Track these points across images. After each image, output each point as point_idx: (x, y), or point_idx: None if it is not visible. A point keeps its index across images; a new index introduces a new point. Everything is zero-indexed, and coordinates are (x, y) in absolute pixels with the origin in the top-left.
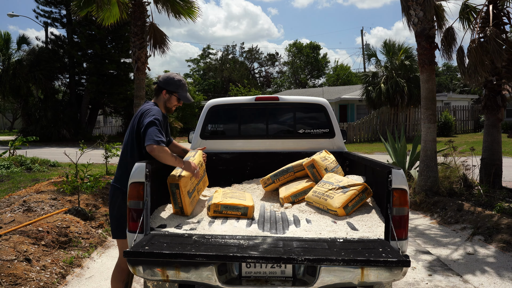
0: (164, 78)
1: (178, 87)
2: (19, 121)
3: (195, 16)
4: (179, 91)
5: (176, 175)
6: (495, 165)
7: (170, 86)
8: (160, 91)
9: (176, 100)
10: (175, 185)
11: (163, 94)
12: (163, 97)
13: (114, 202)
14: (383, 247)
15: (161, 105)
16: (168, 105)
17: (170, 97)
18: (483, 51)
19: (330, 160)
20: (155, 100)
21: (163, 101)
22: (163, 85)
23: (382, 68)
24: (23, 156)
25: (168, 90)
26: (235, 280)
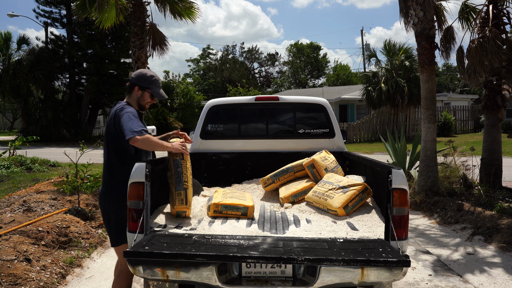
0: (136, 75)
1: (150, 83)
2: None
3: (194, 16)
4: (151, 87)
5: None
6: (495, 165)
7: (142, 82)
8: (132, 88)
9: (149, 96)
10: (180, 155)
11: (135, 91)
12: (135, 94)
13: (109, 210)
14: (383, 247)
15: (134, 103)
16: (141, 102)
17: (143, 94)
18: (483, 51)
19: (330, 160)
20: (127, 99)
21: (136, 98)
22: (135, 81)
23: (382, 68)
24: (23, 156)
25: (141, 86)
26: (235, 280)
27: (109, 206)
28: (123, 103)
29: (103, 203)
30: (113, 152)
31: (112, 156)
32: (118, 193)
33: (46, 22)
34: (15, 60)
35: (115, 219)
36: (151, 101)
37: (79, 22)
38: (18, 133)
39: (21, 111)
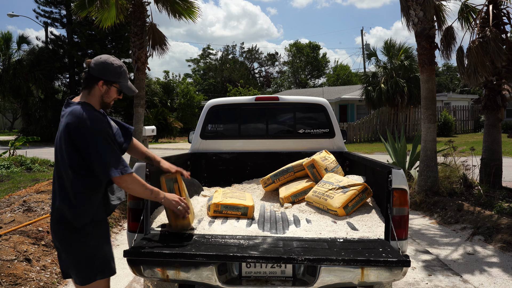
0: (99, 65)
1: (119, 75)
2: (19, 121)
3: (195, 16)
4: (121, 80)
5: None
6: (495, 165)
7: (108, 75)
8: (94, 83)
9: (116, 92)
10: (174, 179)
11: (99, 86)
12: (99, 89)
13: (70, 242)
14: (383, 247)
15: (94, 100)
16: (106, 100)
17: (108, 90)
18: (483, 51)
19: (330, 160)
20: (85, 97)
21: (99, 95)
22: (98, 73)
23: (382, 68)
24: (23, 156)
25: (106, 80)
26: (235, 280)
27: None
28: (79, 107)
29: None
30: (72, 171)
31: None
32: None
33: (46, 22)
34: (15, 60)
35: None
36: (118, 97)
37: (79, 22)
38: (18, 133)
39: (21, 111)
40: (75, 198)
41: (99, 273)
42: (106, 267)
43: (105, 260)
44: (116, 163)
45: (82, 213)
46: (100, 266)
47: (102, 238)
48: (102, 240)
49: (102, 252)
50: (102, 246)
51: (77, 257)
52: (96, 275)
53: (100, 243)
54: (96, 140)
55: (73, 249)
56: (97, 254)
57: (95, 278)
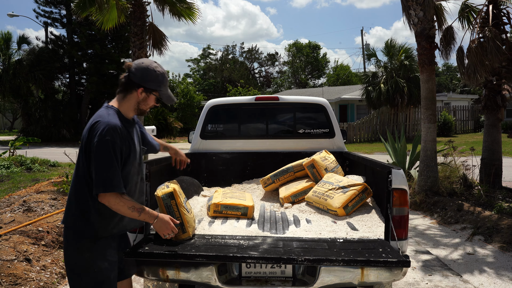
0: (141, 70)
1: (160, 83)
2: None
3: (195, 17)
4: (161, 89)
5: (165, 186)
6: (495, 165)
7: (150, 83)
8: (133, 88)
9: (154, 100)
10: (169, 194)
11: (138, 92)
12: (137, 96)
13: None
14: (383, 247)
15: (129, 106)
16: (142, 107)
17: (147, 97)
18: (483, 51)
19: (330, 160)
20: (119, 101)
21: (136, 101)
22: (139, 80)
23: (382, 68)
24: (23, 156)
25: (147, 88)
26: (235, 280)
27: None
28: (104, 109)
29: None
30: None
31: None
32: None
33: (46, 22)
34: (15, 60)
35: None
36: (155, 105)
37: (79, 22)
38: (18, 133)
39: (21, 111)
40: (78, 204)
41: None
42: (97, 285)
43: (97, 279)
44: (105, 179)
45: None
46: (90, 284)
47: (98, 253)
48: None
49: (96, 268)
50: (95, 262)
51: (68, 265)
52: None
53: (93, 260)
54: (98, 150)
55: (66, 256)
56: (89, 269)
57: None
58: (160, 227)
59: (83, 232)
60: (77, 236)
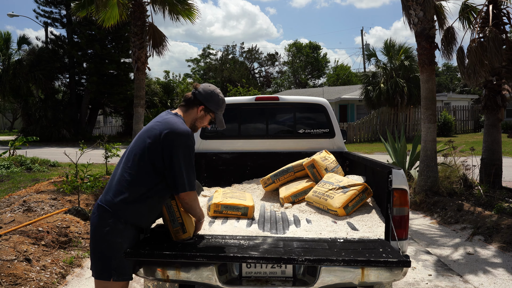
0: (206, 92)
1: (219, 107)
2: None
3: (194, 17)
4: (218, 112)
5: None
6: (495, 165)
7: (211, 103)
8: (195, 105)
9: (208, 121)
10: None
11: (198, 110)
12: (196, 113)
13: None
14: (384, 247)
15: (188, 121)
16: (197, 124)
17: (205, 116)
18: (483, 51)
19: (330, 160)
20: (183, 113)
21: (194, 117)
22: (203, 99)
23: (382, 68)
24: (23, 156)
25: (207, 107)
26: (236, 280)
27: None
28: (177, 117)
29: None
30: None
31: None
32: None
33: (46, 22)
34: (15, 60)
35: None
36: (206, 125)
37: (79, 22)
38: (18, 133)
39: (21, 111)
40: (130, 194)
41: (115, 273)
42: (123, 270)
43: (123, 264)
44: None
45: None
46: (116, 267)
47: (129, 240)
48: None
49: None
50: (123, 245)
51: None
52: (111, 275)
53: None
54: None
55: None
56: (118, 253)
57: (111, 277)
58: (199, 228)
59: (126, 217)
60: (117, 220)
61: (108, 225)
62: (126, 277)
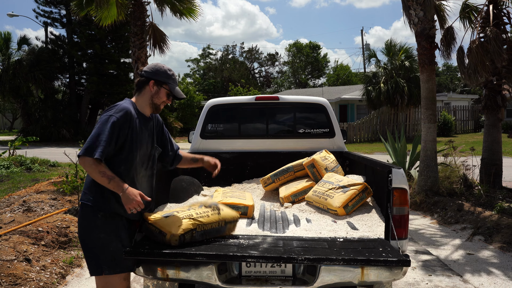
0: (151, 68)
1: (168, 77)
2: (19, 121)
3: (196, 15)
4: (169, 82)
5: None
6: (495, 165)
7: (159, 76)
8: (146, 83)
9: (165, 94)
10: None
11: (150, 86)
12: (149, 90)
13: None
14: (383, 246)
15: (145, 102)
16: (155, 101)
17: (159, 90)
18: (483, 51)
19: (330, 159)
20: (136, 98)
21: (150, 95)
22: (150, 75)
23: (382, 68)
24: (23, 156)
25: (157, 80)
26: (235, 279)
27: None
28: (121, 102)
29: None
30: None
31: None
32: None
33: (46, 22)
34: (15, 60)
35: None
36: (167, 101)
37: (79, 22)
38: (18, 133)
39: (21, 111)
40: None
41: (106, 268)
42: (113, 263)
43: (113, 258)
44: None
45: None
46: (107, 263)
47: (112, 233)
48: (111, 237)
49: (112, 247)
50: (111, 243)
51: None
52: (103, 270)
53: (108, 239)
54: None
55: (80, 238)
56: (105, 248)
57: (102, 272)
58: (127, 200)
59: (100, 208)
60: (94, 213)
61: (88, 222)
62: (119, 269)
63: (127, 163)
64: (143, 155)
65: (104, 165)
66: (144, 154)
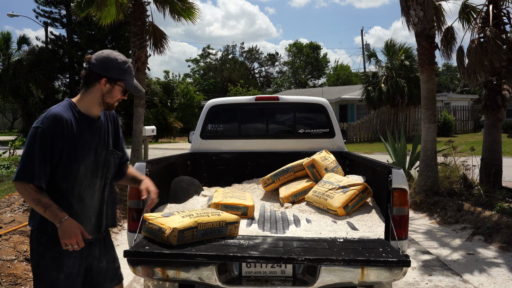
0: (101, 61)
1: (124, 72)
2: (19, 121)
3: (195, 17)
4: (126, 78)
5: None
6: (495, 165)
7: (112, 71)
8: (95, 80)
9: (121, 91)
10: None
11: (101, 84)
12: (100, 88)
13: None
14: (383, 247)
15: (92, 100)
16: (108, 100)
17: (112, 88)
18: (483, 51)
19: (330, 160)
20: (81, 94)
21: (100, 94)
22: (100, 70)
23: (382, 68)
24: None
25: (110, 78)
26: (235, 280)
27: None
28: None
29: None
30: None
31: None
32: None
33: (46, 22)
34: (15, 60)
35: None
36: (122, 97)
37: (79, 22)
38: (18, 133)
39: (21, 111)
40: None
41: None
42: None
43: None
44: (22, 168)
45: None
46: None
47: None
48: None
49: (49, 279)
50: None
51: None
52: None
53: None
54: (28, 137)
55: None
56: (42, 279)
57: None
58: (63, 234)
59: (43, 231)
60: (38, 237)
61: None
62: None
63: (69, 179)
64: (92, 164)
65: (40, 191)
66: (94, 162)
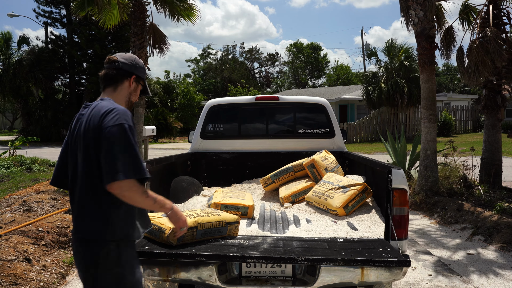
0: (130, 59)
1: (145, 72)
2: (19, 121)
3: (194, 18)
4: (145, 78)
5: None
6: (495, 165)
7: (139, 70)
8: (125, 78)
9: (139, 91)
10: None
11: (130, 81)
12: (129, 85)
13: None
14: (383, 247)
15: (121, 98)
16: (132, 99)
17: (137, 87)
18: (483, 51)
19: (330, 160)
20: (109, 92)
21: (128, 92)
22: (132, 68)
23: (382, 68)
24: (23, 156)
25: (138, 76)
26: (235, 280)
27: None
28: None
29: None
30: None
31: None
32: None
33: (46, 22)
34: (15, 60)
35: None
36: (137, 100)
37: (79, 22)
38: (18, 133)
39: (21, 111)
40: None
41: None
42: None
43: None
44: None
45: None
46: None
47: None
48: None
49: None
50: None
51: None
52: None
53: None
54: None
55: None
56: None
57: None
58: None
59: (109, 241)
60: (103, 248)
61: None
62: None
63: None
64: None
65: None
66: None
